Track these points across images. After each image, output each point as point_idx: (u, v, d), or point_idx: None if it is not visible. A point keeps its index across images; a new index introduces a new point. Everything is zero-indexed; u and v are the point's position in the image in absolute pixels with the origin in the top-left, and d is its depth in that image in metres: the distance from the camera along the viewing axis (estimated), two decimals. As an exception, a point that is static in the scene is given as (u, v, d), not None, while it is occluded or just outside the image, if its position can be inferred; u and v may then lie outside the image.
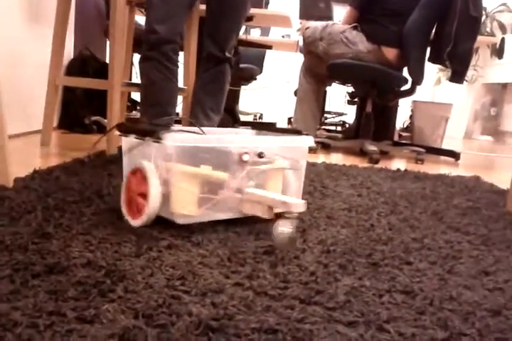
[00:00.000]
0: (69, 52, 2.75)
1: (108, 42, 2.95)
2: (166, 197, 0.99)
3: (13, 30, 2.17)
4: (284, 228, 0.89)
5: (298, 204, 0.91)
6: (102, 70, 2.70)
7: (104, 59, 3.02)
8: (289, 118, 4.58)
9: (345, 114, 4.94)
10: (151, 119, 1.59)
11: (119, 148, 1.76)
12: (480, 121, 5.57)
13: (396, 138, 3.50)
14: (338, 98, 4.88)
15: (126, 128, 1.08)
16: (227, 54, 1.82)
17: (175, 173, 0.98)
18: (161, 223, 1.01)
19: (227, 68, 1.85)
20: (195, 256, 0.86)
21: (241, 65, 4.26)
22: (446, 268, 0.90)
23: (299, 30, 3.18)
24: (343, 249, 0.96)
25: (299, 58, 3.26)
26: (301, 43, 3.22)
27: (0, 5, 2.03)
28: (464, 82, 2.83)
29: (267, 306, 0.68)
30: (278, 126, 4.43)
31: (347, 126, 4.77)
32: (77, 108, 2.69)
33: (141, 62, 1.67)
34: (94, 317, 0.60)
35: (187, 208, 0.99)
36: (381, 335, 0.62)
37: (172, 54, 1.65)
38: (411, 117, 3.74)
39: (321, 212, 1.26)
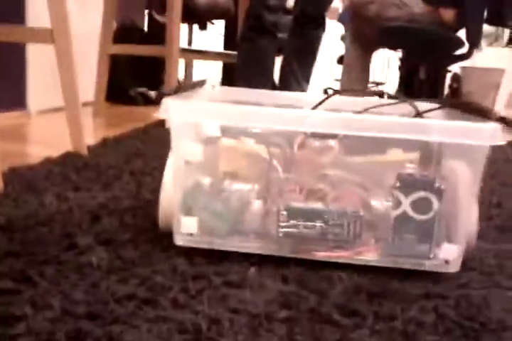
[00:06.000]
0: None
1: (153, 11, 2.88)
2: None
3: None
4: None
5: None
6: (145, 39, 2.64)
7: (142, 27, 2.94)
8: (325, 90, 4.45)
9: (383, 84, 4.77)
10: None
11: None
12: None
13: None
14: (377, 66, 4.71)
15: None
16: (322, 18, 1.78)
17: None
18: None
19: (322, 34, 1.82)
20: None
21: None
22: None
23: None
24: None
25: (339, 27, 3.14)
26: (340, 11, 3.08)
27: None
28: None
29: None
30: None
31: (385, 97, 4.62)
32: (121, 80, 2.64)
33: (246, 32, 1.66)
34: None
35: None
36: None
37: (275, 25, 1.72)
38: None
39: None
